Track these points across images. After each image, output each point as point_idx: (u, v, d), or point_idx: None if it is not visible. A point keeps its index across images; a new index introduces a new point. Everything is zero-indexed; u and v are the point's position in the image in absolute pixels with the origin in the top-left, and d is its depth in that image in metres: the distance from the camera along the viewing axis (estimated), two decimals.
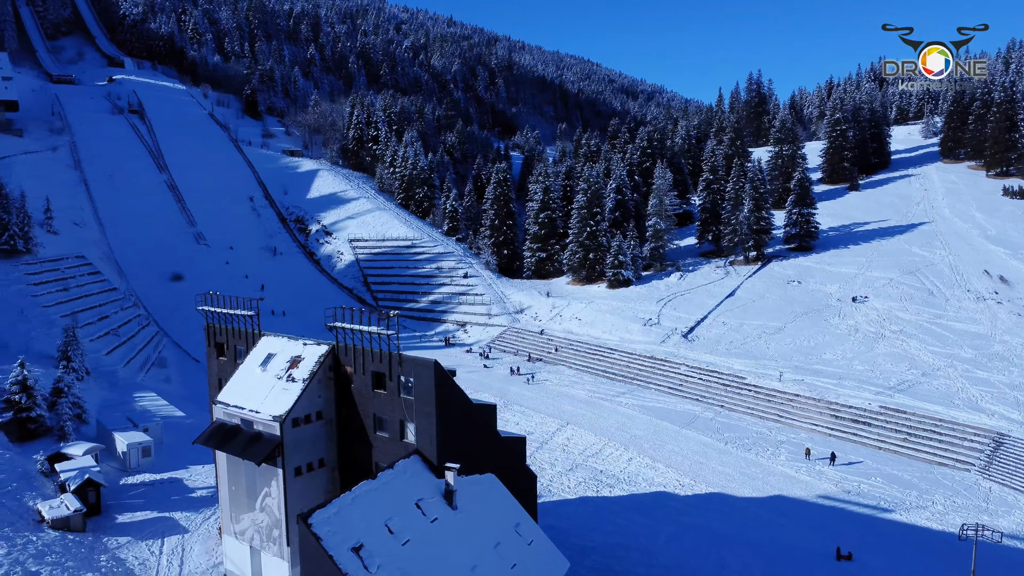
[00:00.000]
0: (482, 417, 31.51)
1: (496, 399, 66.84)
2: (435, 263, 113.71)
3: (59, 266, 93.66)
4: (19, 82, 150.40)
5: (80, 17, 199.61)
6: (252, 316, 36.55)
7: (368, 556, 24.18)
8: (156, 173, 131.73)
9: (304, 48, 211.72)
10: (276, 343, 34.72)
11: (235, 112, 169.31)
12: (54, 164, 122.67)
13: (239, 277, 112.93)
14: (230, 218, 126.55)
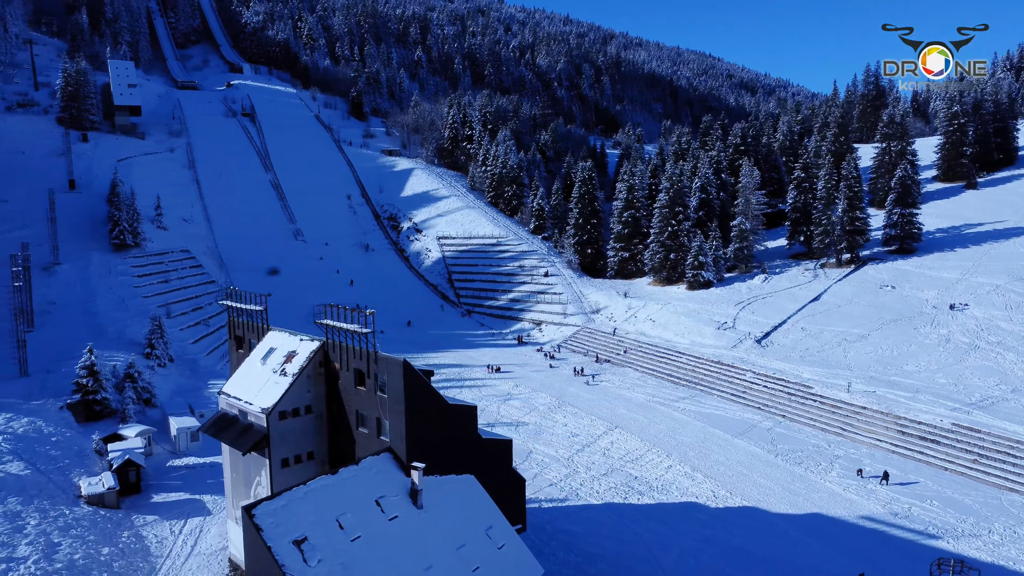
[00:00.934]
0: (460, 418, 31.37)
1: (552, 399, 66.64)
2: (518, 261, 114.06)
3: (163, 259, 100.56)
4: (147, 88, 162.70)
5: (207, 26, 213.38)
6: (261, 311, 37.76)
7: (310, 549, 24.58)
8: (262, 172, 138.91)
9: (412, 50, 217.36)
10: (279, 338, 35.85)
11: (341, 114, 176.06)
12: (170, 164, 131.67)
13: (331, 272, 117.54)
14: (328, 215, 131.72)
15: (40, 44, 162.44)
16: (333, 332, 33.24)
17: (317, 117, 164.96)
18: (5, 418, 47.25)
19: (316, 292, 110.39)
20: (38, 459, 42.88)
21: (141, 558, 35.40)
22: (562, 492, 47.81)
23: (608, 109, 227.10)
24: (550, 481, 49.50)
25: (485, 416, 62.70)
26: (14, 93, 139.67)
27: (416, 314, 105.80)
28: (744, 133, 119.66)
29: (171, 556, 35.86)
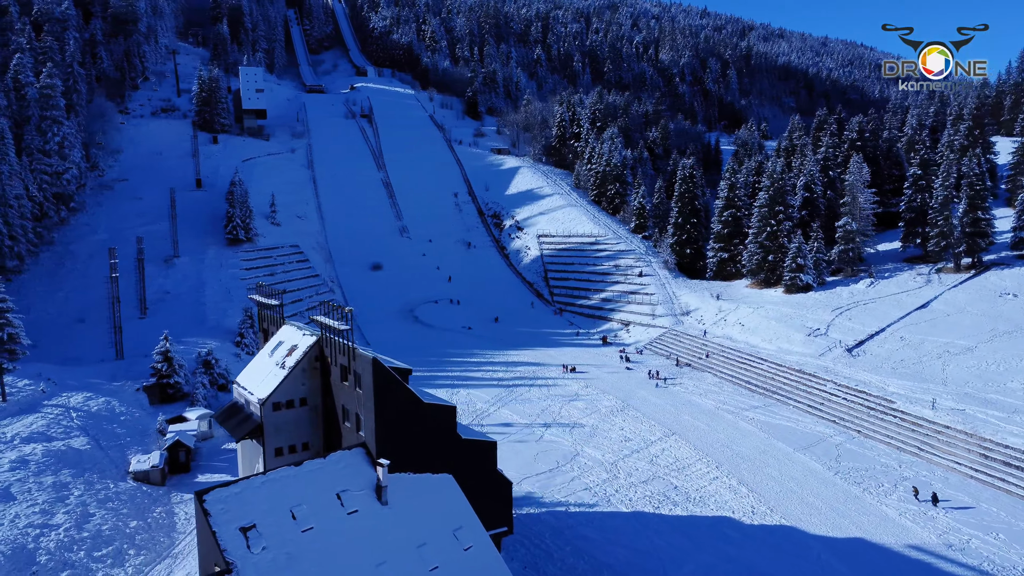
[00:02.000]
0: (437, 417, 31.45)
1: (617, 402, 65.43)
2: (614, 260, 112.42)
3: (272, 254, 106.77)
4: (277, 93, 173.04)
5: (339, 32, 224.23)
6: (277, 305, 39.35)
7: (255, 537, 25.50)
8: (375, 171, 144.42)
9: (531, 49, 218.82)
10: (288, 332, 37.31)
11: (456, 113, 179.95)
12: (290, 164, 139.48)
13: (431, 268, 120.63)
14: (433, 213, 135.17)
15: (185, 54, 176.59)
16: (326, 328, 34.17)
17: (431, 117, 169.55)
18: (85, 396, 51.97)
19: (415, 287, 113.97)
20: (102, 436, 46.88)
21: (164, 533, 37.96)
22: (595, 497, 46.86)
23: (732, 104, 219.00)
24: (586, 485, 48.64)
25: (545, 416, 62.62)
26: (160, 99, 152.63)
27: (506, 311, 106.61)
28: (861, 127, 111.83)
29: (193, 533, 38.18)
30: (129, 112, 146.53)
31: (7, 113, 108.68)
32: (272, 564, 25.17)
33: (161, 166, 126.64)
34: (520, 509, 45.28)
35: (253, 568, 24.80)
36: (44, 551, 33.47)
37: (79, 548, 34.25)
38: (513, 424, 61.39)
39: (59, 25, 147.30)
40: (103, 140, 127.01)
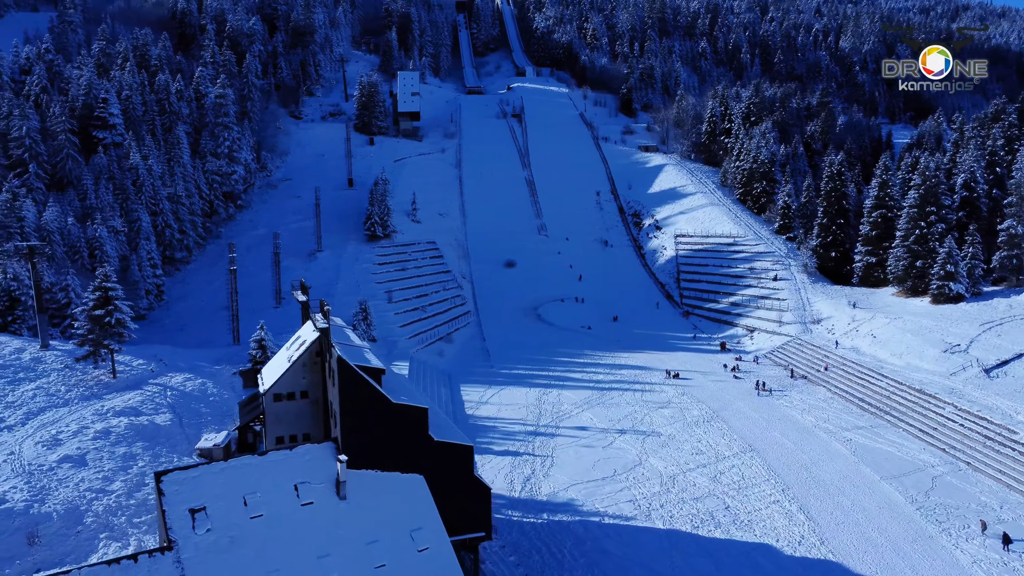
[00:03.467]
0: (407, 418, 31.68)
1: (707, 412, 62.74)
2: (750, 263, 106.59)
3: (407, 250, 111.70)
4: (437, 95, 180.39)
5: (505, 34, 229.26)
6: (304, 300, 41.36)
7: (202, 519, 27.29)
8: (520, 170, 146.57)
9: (697, 42, 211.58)
10: (307, 327, 39.16)
11: (609, 111, 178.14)
12: (439, 164, 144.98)
13: (564, 266, 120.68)
14: (574, 211, 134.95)
15: (356, 61, 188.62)
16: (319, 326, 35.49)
17: (581, 115, 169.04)
18: (185, 377, 57.54)
19: (545, 285, 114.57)
20: (186, 414, 51.70)
21: None
22: (635, 510, 45.16)
23: (920, 93, 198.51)
24: (632, 497, 46.96)
25: (625, 422, 61.11)
26: (329, 104, 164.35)
27: (630, 312, 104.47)
28: None
29: None
30: (301, 117, 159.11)
31: (188, 120, 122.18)
32: (213, 546, 26.84)
33: (322, 166, 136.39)
34: (554, 515, 44.72)
35: (193, 548, 26.60)
36: (92, 513, 37.69)
37: (122, 514, 38.20)
38: (589, 428, 60.35)
39: (247, 39, 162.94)
40: (273, 143, 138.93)
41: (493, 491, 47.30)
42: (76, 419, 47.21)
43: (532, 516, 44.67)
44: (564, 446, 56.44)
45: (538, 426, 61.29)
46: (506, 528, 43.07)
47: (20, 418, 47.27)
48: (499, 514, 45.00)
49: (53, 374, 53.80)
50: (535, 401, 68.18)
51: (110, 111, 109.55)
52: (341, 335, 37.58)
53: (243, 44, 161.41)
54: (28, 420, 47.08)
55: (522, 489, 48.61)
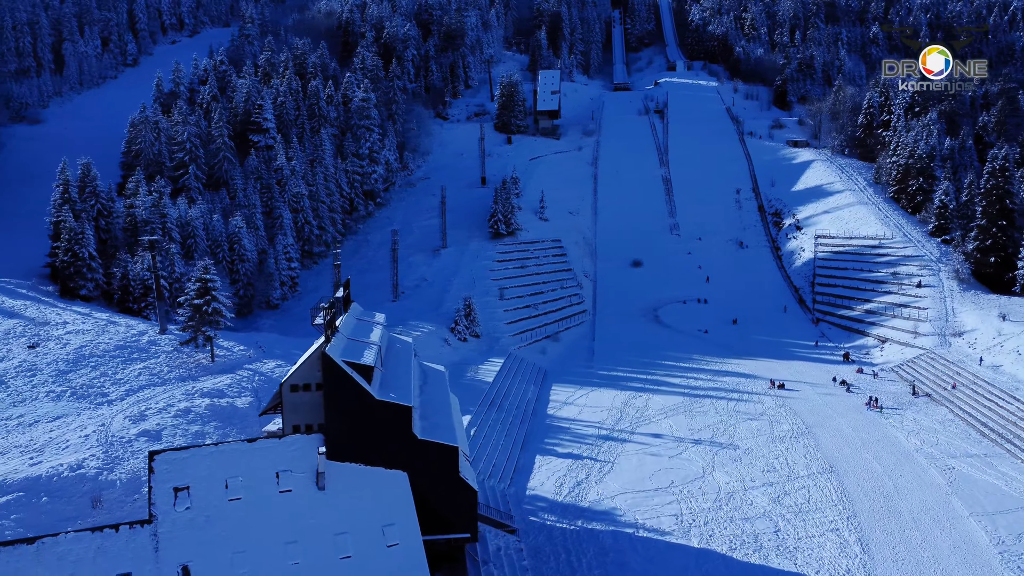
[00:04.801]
0: (390, 415, 32.17)
1: (799, 427, 59.23)
2: (893, 267, 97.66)
3: (530, 248, 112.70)
4: (582, 93, 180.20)
5: (660, 29, 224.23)
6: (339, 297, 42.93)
7: (183, 498, 29.41)
8: (657, 168, 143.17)
9: (867, 28, 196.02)
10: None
11: (762, 104, 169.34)
12: (574, 162, 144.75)
13: (693, 267, 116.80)
14: (710, 210, 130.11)
15: (505, 61, 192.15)
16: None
17: (728, 110, 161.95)
18: (276, 364, 61.59)
19: (669, 286, 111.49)
20: (266, 398, 55.33)
21: None
22: (675, 525, 43.20)
23: None
24: (678, 511, 44.94)
25: (704, 433, 58.72)
26: (475, 105, 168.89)
27: (753, 316, 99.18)
28: None
29: None
30: (448, 118, 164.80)
31: (336, 123, 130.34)
32: (189, 523, 28.88)
33: (459, 165, 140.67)
34: (589, 523, 43.80)
35: (171, 523, 28.76)
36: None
37: None
38: (663, 436, 58.26)
39: (402, 44, 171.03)
40: (416, 143, 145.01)
41: (539, 493, 47.52)
42: (166, 398, 52.12)
43: (566, 522, 43.94)
44: (630, 453, 54.88)
45: (612, 430, 59.97)
46: (535, 531, 42.72)
47: (121, 394, 52.95)
48: (535, 517, 44.78)
49: (162, 356, 59.69)
50: (621, 404, 66.71)
51: (264, 116, 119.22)
52: (361, 330, 38.93)
53: (398, 49, 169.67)
54: (127, 396, 52.63)
55: (568, 494, 47.89)
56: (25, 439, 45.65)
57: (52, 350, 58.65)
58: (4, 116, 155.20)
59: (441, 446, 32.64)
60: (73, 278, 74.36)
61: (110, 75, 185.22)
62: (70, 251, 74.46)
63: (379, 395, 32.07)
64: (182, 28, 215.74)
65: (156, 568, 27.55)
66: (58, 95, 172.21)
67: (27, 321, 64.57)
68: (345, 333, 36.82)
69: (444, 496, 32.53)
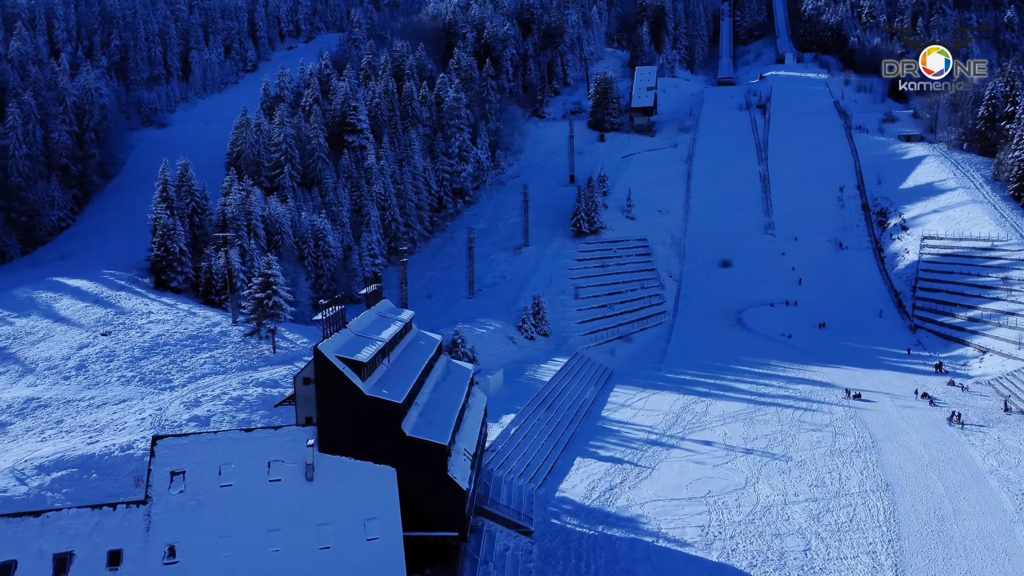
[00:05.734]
0: (379, 411, 32.52)
1: (864, 440, 56.33)
2: (1005, 272, 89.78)
3: (613, 247, 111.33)
4: (682, 89, 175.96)
5: (772, 20, 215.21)
6: (368, 292, 43.82)
7: (179, 481, 31.03)
8: (754, 164, 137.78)
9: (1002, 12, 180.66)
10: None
11: (875, 96, 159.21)
12: (668, 159, 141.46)
13: (785, 268, 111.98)
14: (809, 208, 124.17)
15: (606, 58, 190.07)
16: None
17: (836, 103, 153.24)
18: None
19: (758, 287, 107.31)
20: None
21: None
22: (698, 537, 41.65)
23: None
24: (704, 523, 43.27)
25: (760, 442, 56.44)
26: (572, 103, 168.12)
27: (844, 320, 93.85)
28: None
29: None
30: (544, 116, 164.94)
31: (428, 123, 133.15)
32: (180, 506, 30.42)
33: (551, 163, 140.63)
34: (609, 529, 42.92)
35: (164, 504, 30.39)
36: None
37: None
38: (714, 444, 56.21)
39: (501, 44, 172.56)
40: (509, 142, 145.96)
41: (568, 496, 47.06)
42: (223, 386, 55.02)
43: (587, 526, 43.18)
44: (674, 459, 53.28)
45: (662, 435, 58.41)
46: (552, 534, 42.24)
47: (183, 381, 56.35)
48: (556, 520, 44.29)
49: (229, 346, 63.05)
50: (680, 409, 64.86)
51: (359, 117, 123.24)
52: (376, 326, 39.67)
53: (496, 49, 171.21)
54: (189, 383, 55.96)
55: (597, 498, 47.04)
56: (90, 419, 49.43)
57: (132, 338, 63.17)
58: (136, 121, 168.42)
59: (430, 444, 32.81)
60: (165, 271, 79.59)
61: (231, 80, 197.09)
62: (163, 246, 79.78)
63: (370, 391, 32.59)
64: (299, 34, 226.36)
65: (145, 546, 29.21)
66: (184, 100, 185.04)
67: (117, 310, 69.82)
68: (355, 329, 37.65)
69: (432, 494, 32.71)
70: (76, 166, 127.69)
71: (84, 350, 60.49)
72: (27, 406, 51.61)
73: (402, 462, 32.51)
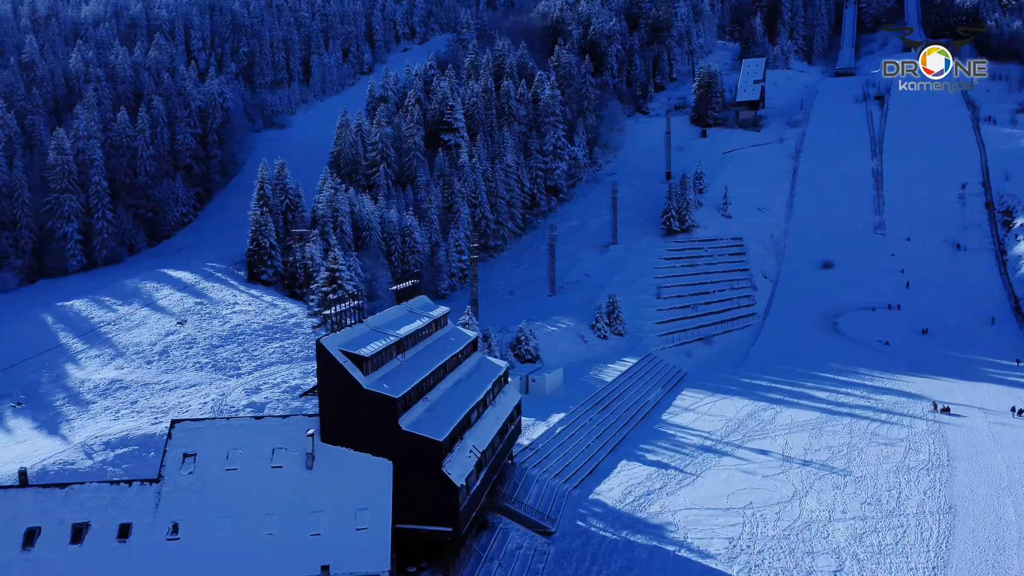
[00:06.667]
0: (377, 405, 33.14)
1: (942, 456, 52.83)
2: None
3: (704, 245, 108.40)
4: (796, 81, 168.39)
5: (902, 5, 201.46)
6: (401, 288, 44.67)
7: (189, 463, 33.00)
8: (867, 159, 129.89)
9: None
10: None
11: (1011, 85, 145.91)
12: (773, 155, 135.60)
13: (894, 270, 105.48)
14: (925, 206, 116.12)
15: (716, 51, 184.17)
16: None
17: (963, 93, 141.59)
18: None
19: (861, 291, 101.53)
20: None
21: None
22: (723, 549, 40.10)
23: None
24: (734, 535, 41.48)
25: (823, 454, 54.04)
26: (677, 98, 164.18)
27: (951, 326, 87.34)
28: None
29: None
30: (648, 112, 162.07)
31: (524, 121, 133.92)
32: (188, 486, 32.34)
33: (649, 160, 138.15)
34: (634, 535, 42.14)
35: (174, 484, 32.41)
36: None
37: None
38: (770, 453, 53.80)
39: (606, 40, 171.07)
40: (607, 139, 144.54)
41: (601, 499, 46.70)
42: (285, 375, 57.80)
43: (612, 531, 42.41)
44: (722, 467, 51.37)
45: (719, 441, 56.44)
46: (574, 535, 41.81)
47: (251, 368, 59.63)
48: (582, 522, 43.82)
49: (299, 337, 66.07)
50: (745, 415, 62.45)
51: (455, 116, 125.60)
52: (397, 322, 40.54)
53: (602, 45, 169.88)
54: (255, 371, 59.16)
55: (631, 502, 46.05)
56: (160, 401, 53.26)
57: (213, 326, 67.42)
58: (259, 123, 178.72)
59: (424, 439, 33.22)
60: (257, 264, 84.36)
61: (348, 83, 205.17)
62: (255, 240, 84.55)
63: (370, 385, 33.40)
64: (414, 36, 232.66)
65: (152, 521, 31.31)
66: (304, 102, 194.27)
67: (207, 300, 74.70)
68: (372, 324, 38.71)
69: (426, 488, 33.13)
70: (199, 166, 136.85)
71: (170, 337, 65.15)
72: (111, 387, 56.22)
73: (398, 456, 33.17)
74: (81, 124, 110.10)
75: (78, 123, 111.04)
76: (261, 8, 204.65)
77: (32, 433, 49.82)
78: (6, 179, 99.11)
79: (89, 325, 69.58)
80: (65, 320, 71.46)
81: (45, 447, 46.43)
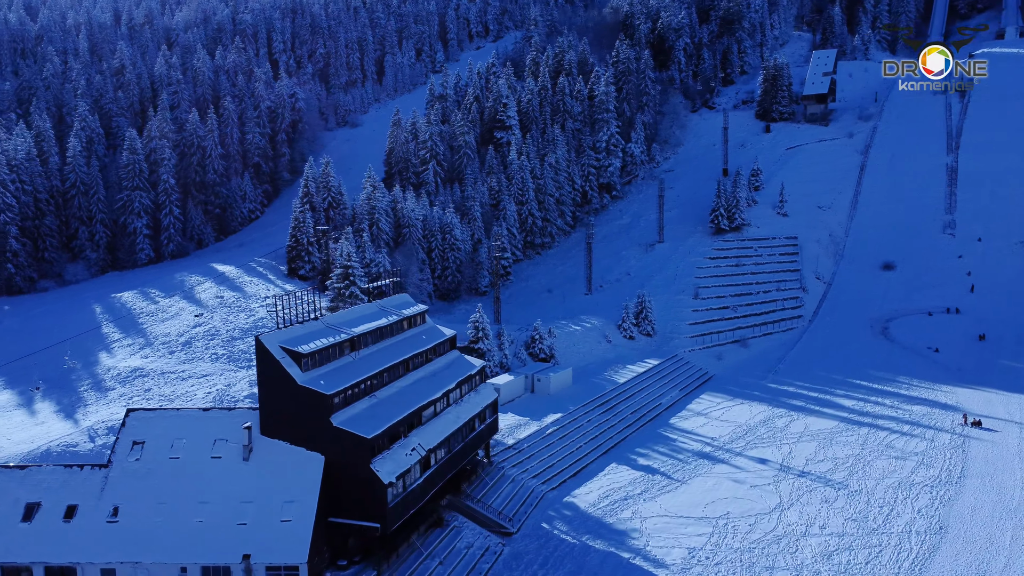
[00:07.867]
0: (310, 401, 33.89)
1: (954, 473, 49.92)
2: None
3: (754, 244, 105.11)
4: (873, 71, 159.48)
5: None
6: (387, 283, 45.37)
7: (137, 450, 34.78)
8: (941, 155, 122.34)
9: None
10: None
11: None
12: (840, 150, 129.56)
13: (959, 273, 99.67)
14: (1001, 206, 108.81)
15: (791, 43, 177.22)
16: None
17: None
18: None
19: (919, 293, 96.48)
20: None
21: None
22: (679, 559, 39.33)
23: None
24: (696, 545, 40.39)
25: (825, 465, 51.87)
26: (745, 92, 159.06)
27: (1013, 333, 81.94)
28: None
29: None
30: (714, 107, 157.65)
31: (579, 118, 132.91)
32: (133, 473, 34.06)
33: (708, 157, 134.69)
34: (594, 540, 41.88)
35: (120, 470, 34.20)
36: None
37: None
38: (768, 462, 51.92)
39: (675, 34, 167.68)
40: (667, 135, 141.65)
41: (575, 501, 46.58)
42: None
43: (573, 535, 41.99)
44: (713, 475, 49.93)
45: (718, 449, 54.84)
46: (533, 537, 41.63)
47: None
48: (547, 524, 43.63)
49: None
50: (757, 423, 60.41)
51: (507, 114, 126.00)
52: (359, 319, 41.28)
53: (669, 39, 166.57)
54: None
55: (604, 507, 45.43)
56: (170, 390, 56.04)
57: (239, 319, 70.18)
58: (332, 122, 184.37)
59: (353, 436, 33.78)
60: (295, 260, 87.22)
61: (420, 81, 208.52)
62: (294, 237, 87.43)
63: (304, 382, 34.22)
64: (487, 34, 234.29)
65: (97, 504, 33.19)
66: (376, 101, 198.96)
67: (242, 293, 77.81)
68: (330, 320, 39.58)
69: (354, 484, 33.70)
70: (268, 164, 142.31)
71: (196, 328, 68.31)
72: (132, 375, 59.51)
73: (330, 451, 33.90)
74: (154, 125, 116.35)
75: (151, 124, 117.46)
76: (340, 10, 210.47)
77: (51, 416, 53.34)
78: (85, 177, 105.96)
79: (131, 316, 73.79)
80: (112, 311, 76.03)
81: (57, 429, 49.66)
